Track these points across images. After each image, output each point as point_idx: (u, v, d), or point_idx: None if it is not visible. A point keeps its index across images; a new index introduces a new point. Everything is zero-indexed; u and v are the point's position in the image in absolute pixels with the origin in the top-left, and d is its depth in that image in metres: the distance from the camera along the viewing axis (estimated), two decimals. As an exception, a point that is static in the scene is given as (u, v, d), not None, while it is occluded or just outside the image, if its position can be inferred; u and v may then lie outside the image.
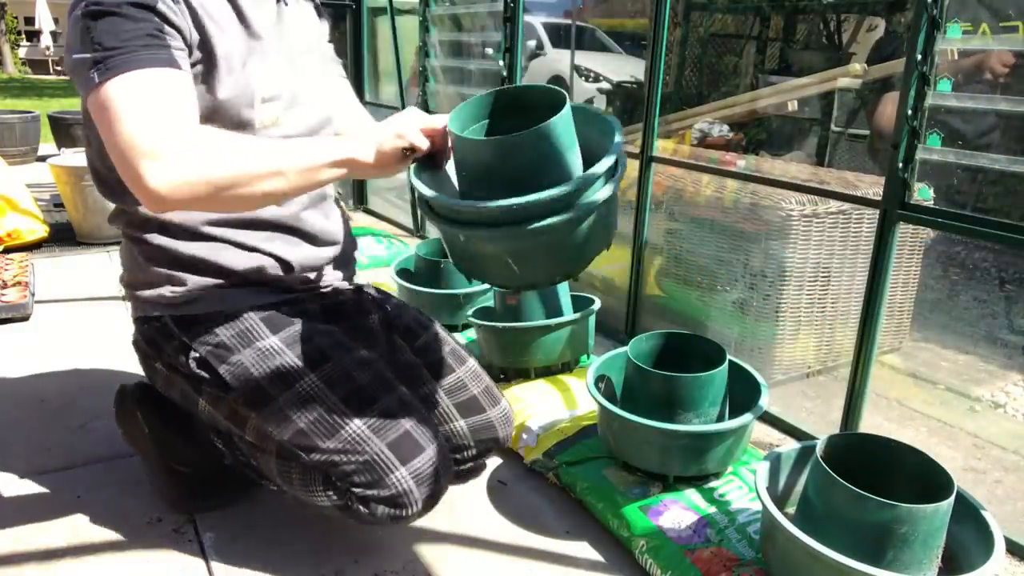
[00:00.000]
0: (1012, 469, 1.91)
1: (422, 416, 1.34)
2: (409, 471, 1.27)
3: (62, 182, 3.39)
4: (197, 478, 1.54)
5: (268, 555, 1.45)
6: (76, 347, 2.35)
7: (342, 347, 1.37)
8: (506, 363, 2.07)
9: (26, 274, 2.82)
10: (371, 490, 1.26)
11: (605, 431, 1.67)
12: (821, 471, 1.25)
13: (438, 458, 1.31)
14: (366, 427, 1.28)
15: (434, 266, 2.47)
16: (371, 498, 1.26)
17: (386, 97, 4.27)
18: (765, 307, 2.17)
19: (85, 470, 1.71)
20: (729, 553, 1.40)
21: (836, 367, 2.27)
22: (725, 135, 3.45)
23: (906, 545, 1.18)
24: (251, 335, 1.34)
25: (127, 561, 1.42)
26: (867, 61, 3.24)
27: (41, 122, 5.71)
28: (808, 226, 2.10)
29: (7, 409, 1.96)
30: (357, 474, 1.26)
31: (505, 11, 2.84)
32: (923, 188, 2.07)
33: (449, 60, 3.65)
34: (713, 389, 1.60)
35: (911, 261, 2.35)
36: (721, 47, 4.60)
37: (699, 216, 2.33)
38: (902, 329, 2.44)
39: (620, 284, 2.61)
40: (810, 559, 1.20)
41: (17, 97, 11.08)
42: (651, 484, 1.60)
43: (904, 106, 1.58)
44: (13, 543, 1.45)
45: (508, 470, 1.79)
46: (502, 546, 1.51)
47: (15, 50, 19.17)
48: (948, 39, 1.53)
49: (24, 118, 5.52)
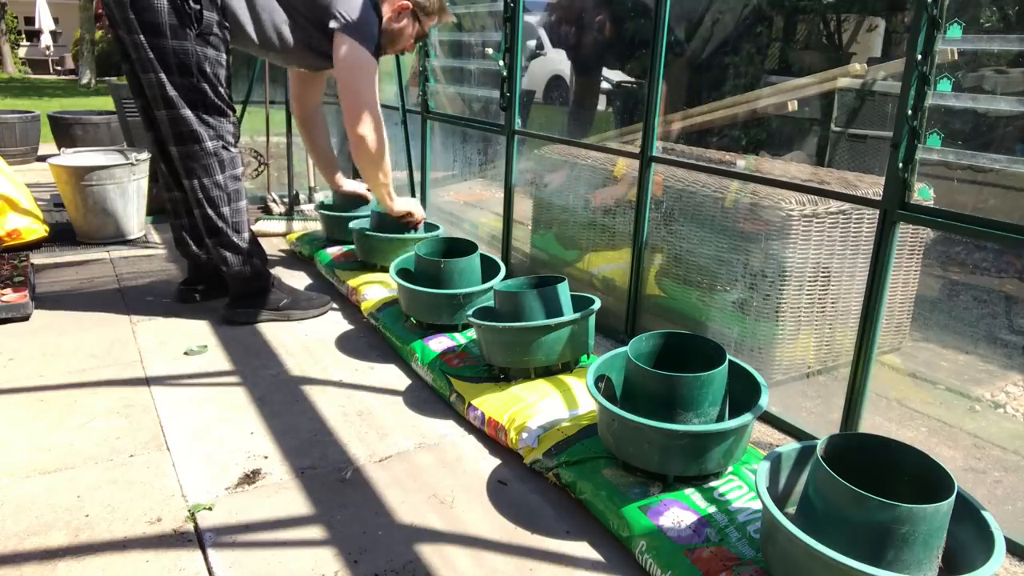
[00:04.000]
0: (1012, 469, 1.91)
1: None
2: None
3: (62, 182, 3.39)
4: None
5: (268, 555, 1.45)
6: (76, 347, 2.35)
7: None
8: (506, 363, 2.07)
9: (26, 274, 2.82)
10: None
11: (605, 431, 1.67)
12: (821, 471, 1.25)
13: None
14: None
15: (434, 266, 2.47)
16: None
17: (386, 97, 4.27)
18: (765, 307, 2.17)
19: (85, 470, 1.71)
20: (729, 552, 1.40)
21: (836, 367, 2.27)
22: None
23: (906, 545, 1.18)
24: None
25: (127, 561, 1.42)
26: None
27: (41, 122, 5.71)
28: (808, 226, 2.10)
29: (7, 409, 1.96)
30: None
31: (505, 11, 2.84)
32: (923, 188, 2.07)
33: (449, 60, 3.65)
34: (713, 389, 1.60)
35: (911, 261, 2.35)
36: (721, 47, 4.60)
37: (699, 216, 2.33)
38: (902, 329, 2.43)
39: (620, 284, 2.61)
40: (810, 559, 1.19)
41: (17, 97, 11.08)
42: (651, 484, 1.60)
43: (904, 106, 1.58)
44: (13, 543, 1.45)
45: (508, 470, 1.79)
46: (502, 546, 1.51)
47: (15, 50, 19.16)
48: (948, 39, 1.53)
49: (24, 118, 5.52)
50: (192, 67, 2.33)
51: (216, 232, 2.50)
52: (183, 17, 2.27)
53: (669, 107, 3.45)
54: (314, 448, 1.84)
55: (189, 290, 2.78)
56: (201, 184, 2.44)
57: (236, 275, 2.56)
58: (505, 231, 3.13)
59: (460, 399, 2.04)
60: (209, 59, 2.35)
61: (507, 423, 1.87)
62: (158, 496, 1.62)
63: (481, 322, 2.08)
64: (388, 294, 2.76)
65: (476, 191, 4.17)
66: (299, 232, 3.69)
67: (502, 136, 3.01)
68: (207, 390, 2.12)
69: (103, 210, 3.43)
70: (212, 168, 2.44)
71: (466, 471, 1.78)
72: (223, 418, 1.97)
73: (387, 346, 2.50)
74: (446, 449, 1.87)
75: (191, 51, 2.31)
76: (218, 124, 2.43)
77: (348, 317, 2.75)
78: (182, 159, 2.42)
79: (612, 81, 4.66)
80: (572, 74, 4.02)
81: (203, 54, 2.33)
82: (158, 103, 2.36)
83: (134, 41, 2.30)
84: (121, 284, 2.97)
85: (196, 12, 2.28)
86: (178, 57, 2.30)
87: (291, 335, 2.54)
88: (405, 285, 2.43)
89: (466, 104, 3.72)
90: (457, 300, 2.39)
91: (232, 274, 2.56)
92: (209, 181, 2.45)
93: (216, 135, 2.43)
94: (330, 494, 1.65)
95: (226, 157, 2.46)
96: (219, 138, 2.44)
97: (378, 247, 2.98)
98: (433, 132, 3.74)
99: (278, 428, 1.93)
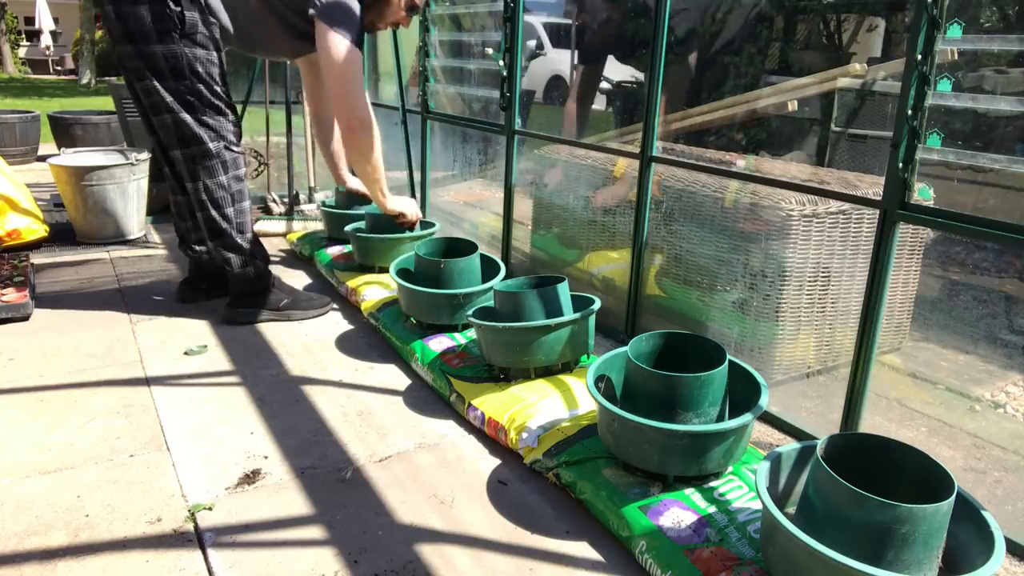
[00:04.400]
0: (1012, 469, 1.90)
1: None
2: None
3: (62, 182, 3.39)
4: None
5: (268, 555, 1.45)
6: (76, 347, 2.35)
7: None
8: (506, 363, 2.06)
9: (26, 274, 2.82)
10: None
11: (605, 431, 1.67)
12: (822, 471, 1.25)
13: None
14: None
15: (434, 266, 2.47)
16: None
17: (386, 97, 4.27)
18: (765, 307, 2.17)
19: (85, 470, 1.71)
20: (729, 552, 1.40)
21: (836, 367, 2.27)
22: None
23: (906, 545, 1.18)
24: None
25: (127, 561, 1.42)
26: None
27: (41, 122, 5.71)
28: (808, 226, 2.10)
29: (7, 409, 1.96)
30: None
31: (505, 11, 2.84)
32: (923, 188, 2.07)
33: (449, 60, 3.65)
34: (713, 389, 1.60)
35: (911, 261, 2.35)
36: (722, 47, 4.59)
37: (699, 216, 2.33)
38: (902, 329, 2.43)
39: (620, 284, 2.61)
40: (810, 559, 1.19)
41: (17, 97, 11.08)
42: (651, 484, 1.59)
43: (904, 106, 1.58)
44: (13, 543, 1.45)
45: (508, 470, 1.79)
46: (502, 546, 1.51)
47: (15, 50, 19.16)
48: (948, 39, 1.53)
49: (24, 118, 5.52)
50: (184, 69, 2.31)
51: (220, 234, 2.50)
52: (165, 20, 2.26)
53: (669, 107, 3.45)
54: (314, 448, 1.84)
55: (190, 290, 2.78)
56: (204, 186, 2.44)
57: (239, 276, 2.56)
58: (505, 231, 3.13)
59: (460, 399, 2.04)
60: (200, 59, 2.33)
61: (507, 423, 1.87)
62: (158, 496, 1.62)
63: (481, 322, 2.08)
64: (387, 294, 2.76)
65: (476, 191, 4.17)
66: (299, 232, 3.69)
67: (502, 136, 3.01)
68: (207, 390, 2.12)
69: (103, 210, 3.43)
70: (215, 169, 2.44)
71: (466, 471, 1.78)
72: (223, 418, 1.97)
73: (387, 346, 2.50)
74: (446, 449, 1.87)
75: (180, 53, 2.30)
76: (218, 124, 2.42)
77: (348, 317, 2.75)
78: (185, 162, 2.42)
79: (612, 81, 4.65)
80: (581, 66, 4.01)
81: (193, 55, 2.32)
82: (156, 109, 2.35)
83: (125, 51, 2.30)
84: (121, 284, 2.97)
85: (177, 14, 2.27)
86: (168, 61, 2.29)
87: (291, 335, 2.54)
88: (405, 285, 2.43)
89: (466, 104, 3.72)
90: (457, 300, 2.39)
91: (235, 275, 2.56)
92: (212, 183, 2.44)
93: (217, 136, 2.42)
94: (330, 494, 1.65)
95: (228, 158, 2.46)
96: (221, 139, 2.43)
97: (374, 248, 2.98)
98: (433, 132, 3.74)
99: (278, 428, 1.93)
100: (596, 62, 3.99)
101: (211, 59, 2.37)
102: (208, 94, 2.38)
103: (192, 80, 2.34)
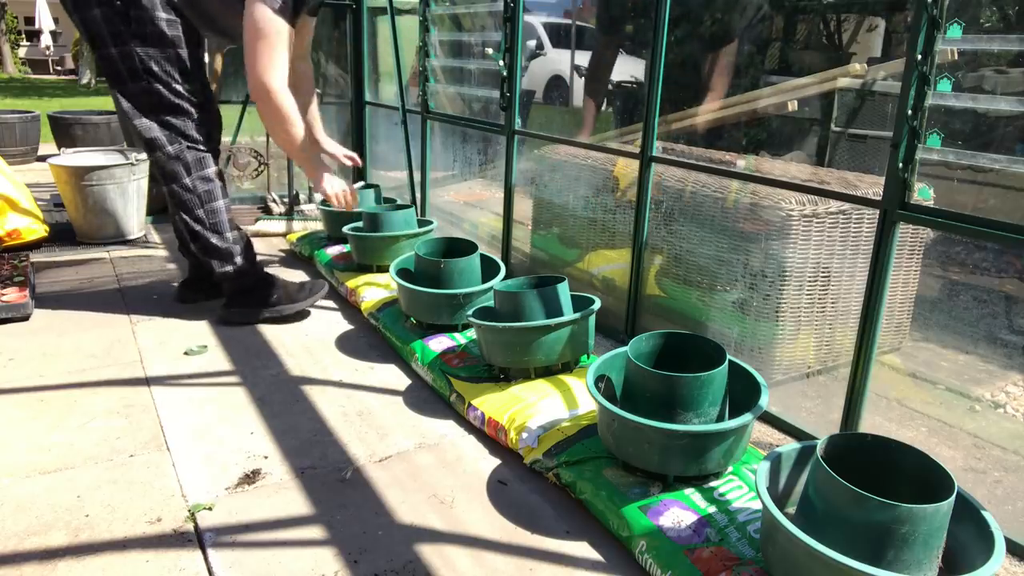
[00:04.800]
0: (1012, 469, 1.90)
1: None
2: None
3: (62, 182, 3.39)
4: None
5: (268, 555, 1.45)
6: (76, 347, 2.35)
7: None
8: (506, 363, 2.06)
9: (26, 274, 2.82)
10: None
11: (605, 431, 1.67)
12: (821, 471, 1.25)
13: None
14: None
15: (434, 266, 2.47)
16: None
17: (386, 97, 4.27)
18: (765, 307, 2.17)
19: (85, 470, 1.71)
20: (729, 552, 1.40)
21: (836, 367, 2.27)
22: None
23: (906, 545, 1.18)
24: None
25: (127, 561, 1.42)
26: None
27: (41, 122, 5.71)
28: (808, 226, 2.10)
29: (7, 409, 1.96)
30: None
31: (505, 11, 2.84)
32: (923, 188, 2.07)
33: (449, 60, 3.65)
34: (713, 389, 1.60)
35: (911, 261, 2.35)
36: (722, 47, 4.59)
37: (699, 216, 2.33)
38: (902, 329, 2.43)
39: (620, 284, 2.61)
40: (810, 559, 1.19)
41: (17, 97, 11.08)
42: (651, 484, 1.59)
43: (904, 106, 1.58)
44: (13, 543, 1.45)
45: (508, 470, 1.79)
46: (502, 546, 1.51)
47: (15, 50, 19.16)
48: (948, 39, 1.53)
49: (24, 118, 5.52)
50: (139, 70, 2.28)
51: (195, 236, 2.48)
52: (114, 21, 2.23)
53: (669, 107, 3.45)
54: (314, 448, 1.84)
55: (189, 290, 2.77)
56: (171, 190, 2.42)
57: (220, 277, 2.55)
58: (505, 231, 3.13)
59: (460, 399, 2.04)
60: (153, 57, 2.29)
61: (507, 423, 1.87)
62: (158, 496, 1.62)
63: (481, 322, 2.08)
64: (387, 295, 2.76)
65: (476, 191, 4.17)
66: (299, 232, 3.69)
67: (502, 136, 3.01)
68: (207, 390, 2.12)
69: (103, 210, 3.43)
70: (178, 173, 2.40)
71: (466, 471, 1.78)
72: (223, 418, 1.97)
73: (387, 346, 2.50)
74: (446, 449, 1.87)
75: (133, 53, 2.26)
76: (181, 124, 2.38)
77: (348, 317, 2.75)
78: (153, 166, 2.41)
79: (612, 81, 4.65)
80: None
81: (145, 53, 2.28)
82: (125, 115, 2.35)
83: (96, 57, 2.30)
84: (121, 284, 2.97)
85: (122, 12, 2.23)
86: (125, 63, 2.27)
87: (291, 335, 2.54)
88: (405, 285, 2.43)
89: (466, 104, 3.71)
90: (457, 300, 2.39)
91: (217, 275, 2.55)
92: (177, 186, 2.42)
93: (178, 137, 2.37)
94: (330, 494, 1.65)
95: (191, 159, 2.41)
96: (182, 139, 2.38)
97: (371, 247, 2.98)
98: (433, 132, 3.74)
99: (278, 428, 1.93)
100: (615, 34, 3.94)
101: (166, 56, 2.31)
102: (167, 93, 2.33)
103: (148, 80, 2.30)
